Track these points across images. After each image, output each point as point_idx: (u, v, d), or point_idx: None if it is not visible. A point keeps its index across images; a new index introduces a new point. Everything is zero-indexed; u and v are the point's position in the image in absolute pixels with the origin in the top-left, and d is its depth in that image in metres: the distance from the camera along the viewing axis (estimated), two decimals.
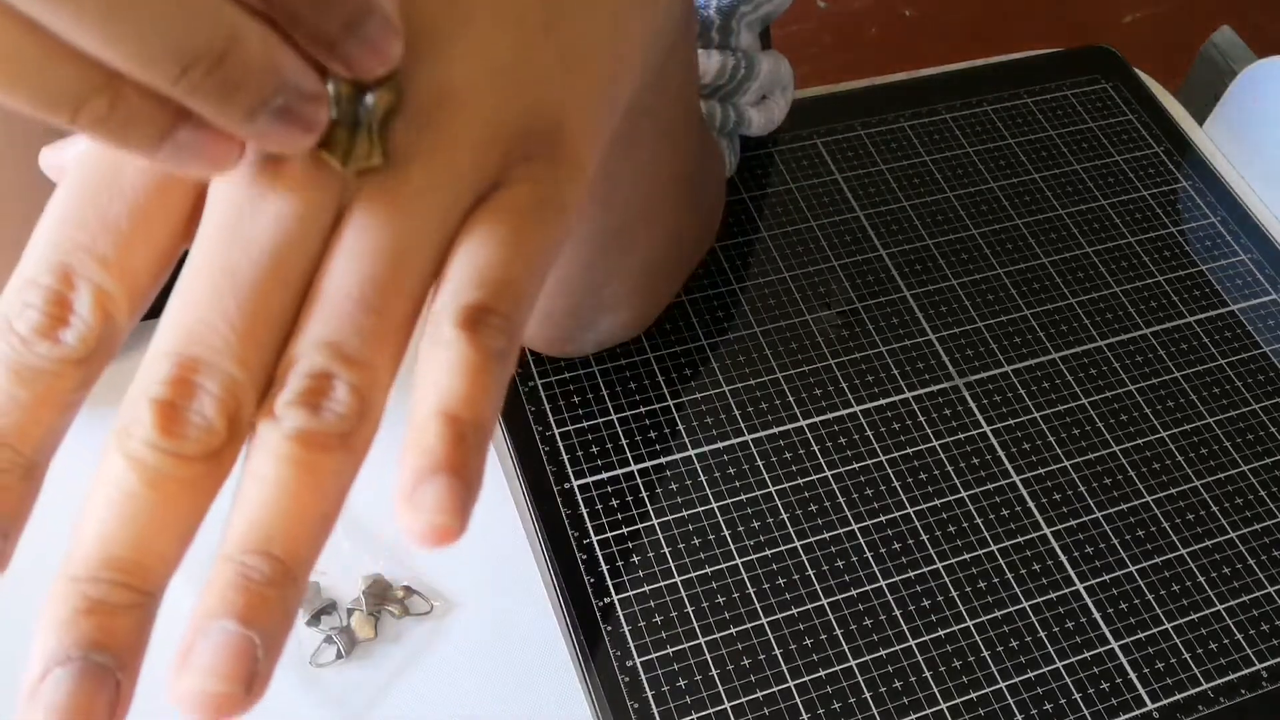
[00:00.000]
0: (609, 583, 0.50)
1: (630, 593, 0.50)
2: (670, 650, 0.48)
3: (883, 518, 0.53)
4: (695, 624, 0.49)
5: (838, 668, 0.48)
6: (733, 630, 0.49)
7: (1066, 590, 0.51)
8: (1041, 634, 0.50)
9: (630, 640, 0.48)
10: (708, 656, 0.48)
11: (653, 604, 0.49)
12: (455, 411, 0.25)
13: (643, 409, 0.55)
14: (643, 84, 0.35)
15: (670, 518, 0.52)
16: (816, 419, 0.56)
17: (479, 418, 0.26)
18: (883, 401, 0.57)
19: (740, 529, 0.52)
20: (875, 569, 0.51)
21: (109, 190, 0.27)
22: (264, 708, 0.24)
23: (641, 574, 0.50)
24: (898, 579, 0.51)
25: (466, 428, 0.25)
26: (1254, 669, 0.50)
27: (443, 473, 0.25)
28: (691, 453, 0.54)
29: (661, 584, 0.50)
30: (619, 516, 0.52)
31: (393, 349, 0.27)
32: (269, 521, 0.25)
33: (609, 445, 0.54)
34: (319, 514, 0.26)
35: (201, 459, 0.25)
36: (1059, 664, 0.49)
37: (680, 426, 0.55)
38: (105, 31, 0.23)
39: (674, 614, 0.49)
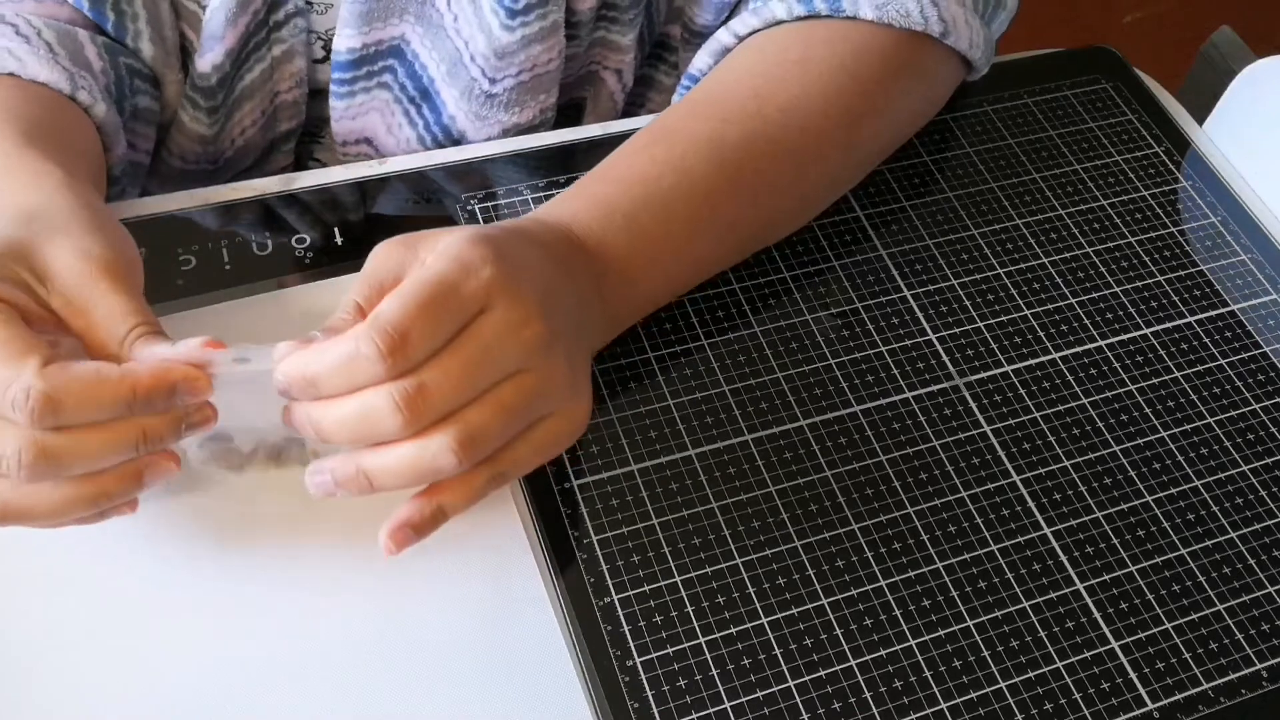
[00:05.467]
0: (609, 583, 0.50)
1: (630, 592, 0.50)
2: (670, 650, 0.48)
3: (883, 518, 0.53)
4: (695, 624, 0.49)
5: (838, 668, 0.48)
6: (733, 630, 0.49)
7: (1066, 590, 0.51)
8: (1041, 634, 0.50)
9: (630, 640, 0.48)
10: (708, 656, 0.48)
11: (653, 604, 0.49)
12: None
13: (643, 408, 0.55)
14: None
15: (670, 518, 0.52)
16: (816, 419, 0.56)
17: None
18: (883, 401, 0.57)
19: (740, 529, 0.52)
20: (875, 569, 0.51)
21: None
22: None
23: (641, 574, 0.50)
24: (898, 579, 0.51)
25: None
26: (1254, 669, 0.50)
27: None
28: (691, 452, 0.54)
29: (661, 584, 0.50)
30: (619, 516, 0.52)
31: None
32: None
33: (609, 445, 0.54)
34: None
35: None
36: (1059, 664, 0.49)
37: (680, 426, 0.55)
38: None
39: (674, 614, 0.49)
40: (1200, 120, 0.72)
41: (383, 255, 0.48)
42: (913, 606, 0.50)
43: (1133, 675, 0.49)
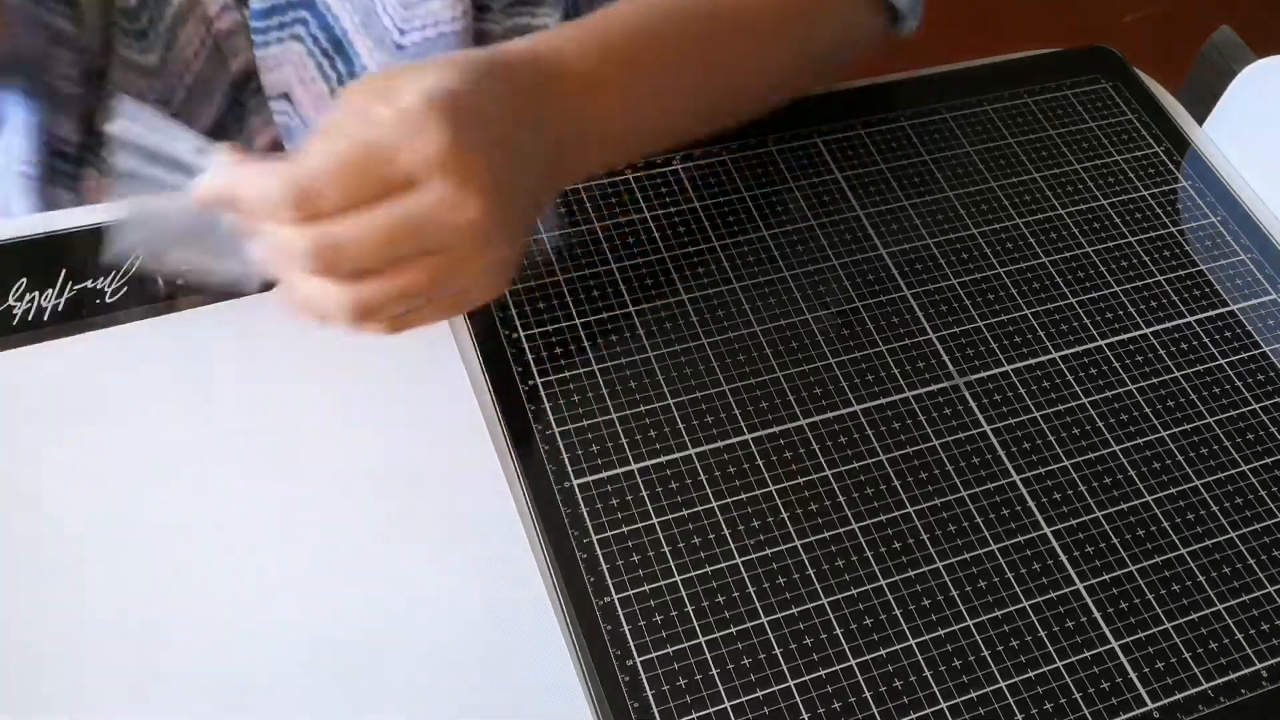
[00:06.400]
0: (609, 582, 0.50)
1: (630, 592, 0.50)
2: (670, 650, 0.48)
3: (883, 517, 0.53)
4: (695, 624, 0.49)
5: (838, 667, 0.48)
6: (733, 630, 0.49)
7: (1066, 590, 0.51)
8: (1041, 634, 0.50)
9: (630, 640, 0.48)
10: (708, 656, 0.48)
11: (653, 604, 0.49)
12: None
13: (643, 408, 0.55)
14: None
15: (670, 517, 0.52)
16: (816, 419, 0.56)
17: None
18: (883, 401, 0.57)
19: (740, 529, 0.52)
20: (875, 569, 0.51)
21: None
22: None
23: (641, 574, 0.50)
24: (898, 579, 0.51)
25: None
26: (1254, 669, 0.50)
27: None
28: (691, 452, 0.54)
29: (661, 584, 0.50)
30: (619, 516, 0.52)
31: None
32: None
33: (609, 445, 0.54)
34: None
35: None
36: (1059, 664, 0.49)
37: (680, 425, 0.55)
38: None
39: (674, 614, 0.49)
40: (1200, 120, 0.72)
41: (345, 101, 0.48)
42: (913, 606, 0.50)
43: (1133, 675, 0.49)
